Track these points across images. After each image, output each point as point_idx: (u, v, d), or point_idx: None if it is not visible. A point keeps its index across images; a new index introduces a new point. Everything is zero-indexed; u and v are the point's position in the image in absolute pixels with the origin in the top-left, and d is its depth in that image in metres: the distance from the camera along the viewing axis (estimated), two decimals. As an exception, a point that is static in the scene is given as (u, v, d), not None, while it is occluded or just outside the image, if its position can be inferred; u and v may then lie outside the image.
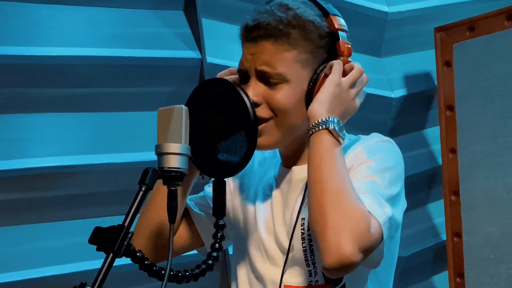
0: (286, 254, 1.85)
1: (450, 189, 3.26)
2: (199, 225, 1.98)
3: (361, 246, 1.65)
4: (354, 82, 1.82)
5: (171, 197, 1.69)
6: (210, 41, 3.06)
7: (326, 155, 1.73)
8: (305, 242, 1.84)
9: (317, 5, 1.86)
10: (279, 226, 1.88)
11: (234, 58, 2.02)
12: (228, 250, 2.92)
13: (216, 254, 1.77)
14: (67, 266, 2.81)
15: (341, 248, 1.64)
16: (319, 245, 1.68)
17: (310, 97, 1.81)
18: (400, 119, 3.65)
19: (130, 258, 1.66)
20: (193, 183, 1.92)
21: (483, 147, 3.17)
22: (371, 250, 1.69)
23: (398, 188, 1.80)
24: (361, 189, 1.73)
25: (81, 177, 2.86)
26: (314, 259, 1.83)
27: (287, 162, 1.92)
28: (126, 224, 1.61)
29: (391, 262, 1.90)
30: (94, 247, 1.62)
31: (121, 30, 2.95)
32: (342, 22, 1.85)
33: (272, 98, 1.81)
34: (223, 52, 3.07)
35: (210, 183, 2.02)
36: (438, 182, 3.64)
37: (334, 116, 1.76)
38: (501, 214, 3.11)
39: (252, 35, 1.82)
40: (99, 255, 1.62)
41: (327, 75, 1.80)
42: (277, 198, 1.91)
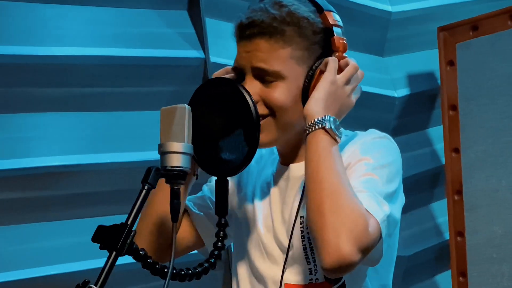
0: (286, 253, 1.85)
1: (453, 188, 3.26)
2: (199, 225, 1.97)
3: (360, 246, 1.65)
4: (349, 79, 1.81)
5: (174, 196, 1.69)
6: (213, 40, 3.06)
7: (323, 155, 1.72)
8: (305, 240, 1.83)
9: (311, 1, 1.85)
10: (278, 224, 1.88)
11: (237, 58, 2.02)
12: (230, 249, 2.92)
13: (218, 252, 1.78)
14: (70, 265, 2.81)
15: (340, 248, 1.64)
16: (318, 245, 1.68)
17: (306, 94, 1.80)
18: (403, 119, 3.65)
19: (133, 257, 1.66)
20: (192, 183, 1.91)
21: (486, 147, 3.17)
22: (370, 249, 1.69)
23: (396, 184, 1.79)
24: (358, 187, 1.72)
25: (84, 176, 2.86)
26: (314, 257, 1.82)
27: (285, 159, 1.92)
28: (129, 222, 1.62)
29: (391, 258, 1.89)
30: (97, 246, 1.62)
31: (124, 30, 2.95)
32: (337, 18, 1.84)
33: (268, 96, 1.81)
34: (227, 51, 3.05)
35: (208, 183, 2.03)
36: (441, 181, 3.64)
37: (330, 114, 1.75)
38: (504, 214, 3.11)
39: (246, 33, 1.82)
40: (102, 254, 1.62)
41: (323, 72, 1.80)
42: (275, 195, 1.91)
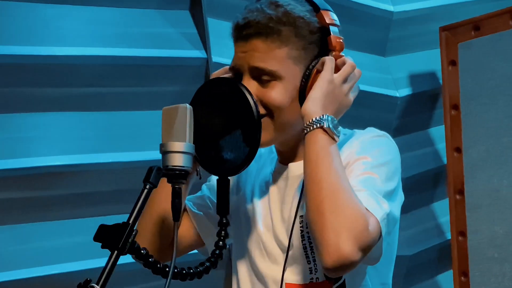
0: (286, 252, 1.85)
1: (454, 188, 3.26)
2: (199, 225, 1.98)
3: (360, 245, 1.65)
4: (346, 78, 1.81)
5: (175, 195, 1.70)
6: (215, 40, 3.06)
7: (321, 155, 1.72)
8: (304, 239, 1.84)
9: (307, 0, 1.84)
10: (278, 223, 1.88)
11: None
12: (231, 248, 2.92)
13: (219, 251, 1.78)
14: (70, 265, 2.81)
15: (340, 248, 1.64)
16: (318, 245, 1.68)
17: (303, 94, 1.80)
18: (405, 118, 3.65)
19: (134, 256, 1.66)
20: (192, 182, 1.91)
21: (488, 146, 3.17)
22: (370, 248, 1.69)
23: (395, 182, 1.80)
24: (358, 186, 1.73)
25: (85, 176, 2.86)
26: (315, 256, 1.83)
27: (284, 158, 1.92)
28: (131, 221, 1.62)
29: (390, 256, 1.90)
30: (98, 246, 1.62)
31: (126, 30, 2.95)
32: (333, 17, 1.84)
33: (265, 96, 1.81)
34: (229, 51, 3.02)
35: (208, 182, 2.04)
36: (442, 181, 3.64)
37: (328, 113, 1.75)
38: (505, 213, 3.11)
39: (243, 34, 1.82)
40: (104, 254, 1.62)
41: (320, 71, 1.80)
42: (274, 194, 1.91)
